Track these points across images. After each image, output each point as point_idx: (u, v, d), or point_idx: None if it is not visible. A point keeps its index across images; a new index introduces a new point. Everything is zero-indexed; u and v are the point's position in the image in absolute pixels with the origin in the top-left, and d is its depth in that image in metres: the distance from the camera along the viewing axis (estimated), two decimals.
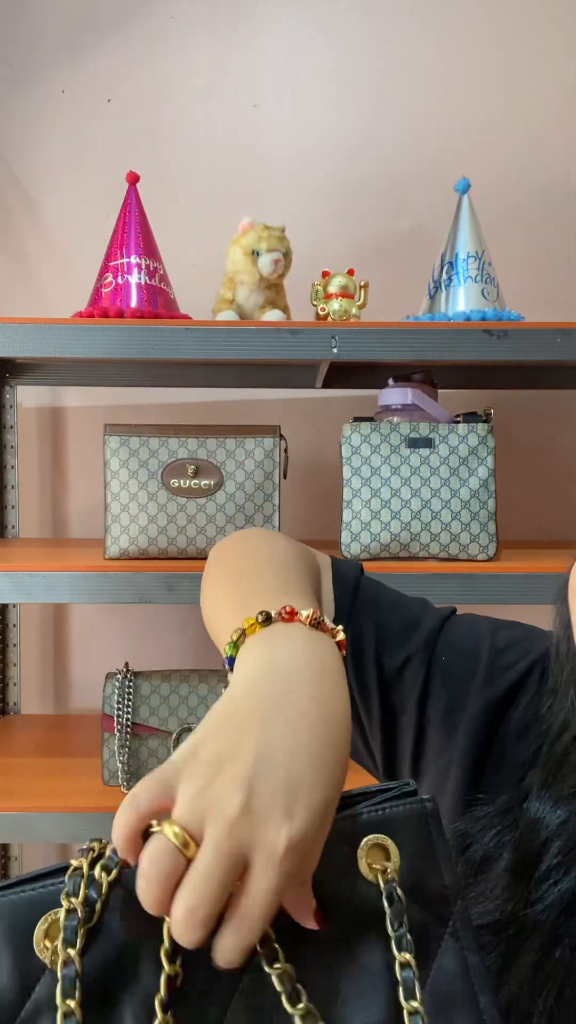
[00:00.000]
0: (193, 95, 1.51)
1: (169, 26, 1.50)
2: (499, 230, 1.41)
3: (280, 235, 1.19)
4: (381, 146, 1.52)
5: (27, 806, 1.12)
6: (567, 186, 1.52)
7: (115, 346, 1.11)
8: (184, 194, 1.51)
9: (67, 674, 1.59)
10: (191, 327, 1.11)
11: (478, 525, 1.14)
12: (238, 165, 1.52)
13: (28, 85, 1.51)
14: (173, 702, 1.18)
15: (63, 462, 1.57)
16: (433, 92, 1.51)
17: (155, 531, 1.15)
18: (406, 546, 1.14)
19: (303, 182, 1.52)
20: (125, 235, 1.22)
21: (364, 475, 1.15)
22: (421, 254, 1.38)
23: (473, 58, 1.50)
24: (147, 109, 1.51)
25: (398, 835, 0.38)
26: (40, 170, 1.53)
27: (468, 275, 1.18)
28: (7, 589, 1.10)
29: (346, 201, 1.52)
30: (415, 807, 0.39)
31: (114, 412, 1.53)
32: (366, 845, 0.38)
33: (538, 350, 1.11)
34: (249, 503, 1.16)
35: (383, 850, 0.38)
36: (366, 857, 0.38)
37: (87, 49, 1.51)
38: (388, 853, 0.38)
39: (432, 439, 1.16)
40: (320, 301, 1.21)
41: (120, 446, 1.16)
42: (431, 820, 0.39)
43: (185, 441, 1.17)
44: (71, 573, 1.11)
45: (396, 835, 0.38)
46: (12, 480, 1.50)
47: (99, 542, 1.26)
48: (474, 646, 0.62)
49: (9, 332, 1.11)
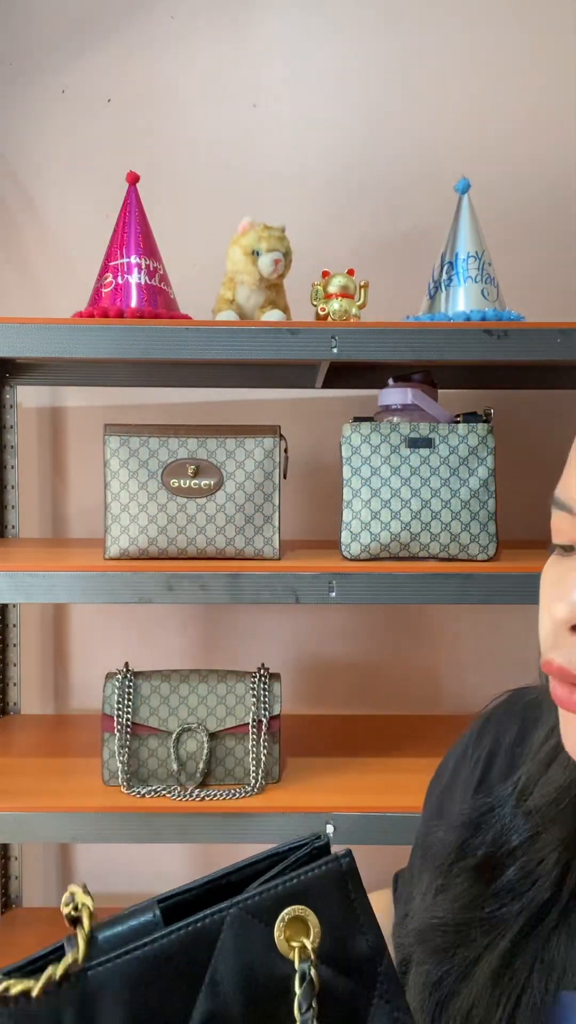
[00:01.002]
0: (193, 95, 1.51)
1: (169, 26, 1.50)
2: (499, 230, 1.41)
3: (280, 235, 1.19)
4: (381, 146, 1.52)
5: (27, 806, 1.12)
6: (567, 186, 1.52)
7: (115, 346, 1.11)
8: (184, 194, 1.51)
9: (67, 674, 1.59)
10: (191, 327, 1.11)
11: (478, 525, 1.14)
12: (238, 165, 1.52)
13: (28, 85, 1.51)
14: (173, 702, 1.18)
15: (63, 462, 1.57)
16: (433, 92, 1.51)
17: (155, 531, 1.15)
18: (406, 546, 1.14)
19: (303, 182, 1.52)
20: (125, 235, 1.22)
21: (364, 475, 1.15)
22: (421, 254, 1.38)
23: (473, 58, 1.50)
24: (147, 109, 1.51)
25: (317, 902, 0.36)
26: (40, 170, 1.53)
27: (468, 275, 1.18)
28: (7, 589, 1.10)
29: (346, 201, 1.52)
30: (332, 868, 0.36)
31: (114, 412, 1.53)
32: (284, 920, 0.35)
33: (538, 350, 1.11)
34: (249, 503, 1.16)
35: (303, 923, 0.35)
36: (284, 933, 0.35)
37: (87, 49, 1.51)
38: (308, 925, 0.35)
39: (432, 439, 1.16)
40: (320, 301, 1.21)
41: (120, 446, 1.16)
42: (349, 879, 0.37)
43: (185, 441, 1.17)
44: (71, 573, 1.11)
45: (315, 902, 0.36)
46: (12, 480, 1.50)
47: (99, 542, 1.26)
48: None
49: (9, 332, 1.11)
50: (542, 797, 0.51)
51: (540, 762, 0.52)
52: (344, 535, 1.15)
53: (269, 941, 0.35)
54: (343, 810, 1.12)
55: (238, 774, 1.18)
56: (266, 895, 0.36)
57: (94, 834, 1.12)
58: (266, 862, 0.38)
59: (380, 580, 1.11)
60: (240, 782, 1.18)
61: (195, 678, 1.20)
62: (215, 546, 1.16)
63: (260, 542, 1.17)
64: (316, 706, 1.56)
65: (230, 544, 1.16)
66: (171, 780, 1.17)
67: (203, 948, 0.34)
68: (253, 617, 1.57)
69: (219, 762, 1.18)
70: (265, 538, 1.17)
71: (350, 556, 1.15)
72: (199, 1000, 0.34)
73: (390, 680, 1.58)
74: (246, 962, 0.35)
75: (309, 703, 1.56)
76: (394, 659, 1.58)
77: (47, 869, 1.60)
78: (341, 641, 1.58)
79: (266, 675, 1.20)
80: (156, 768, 1.18)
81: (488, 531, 1.15)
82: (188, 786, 1.16)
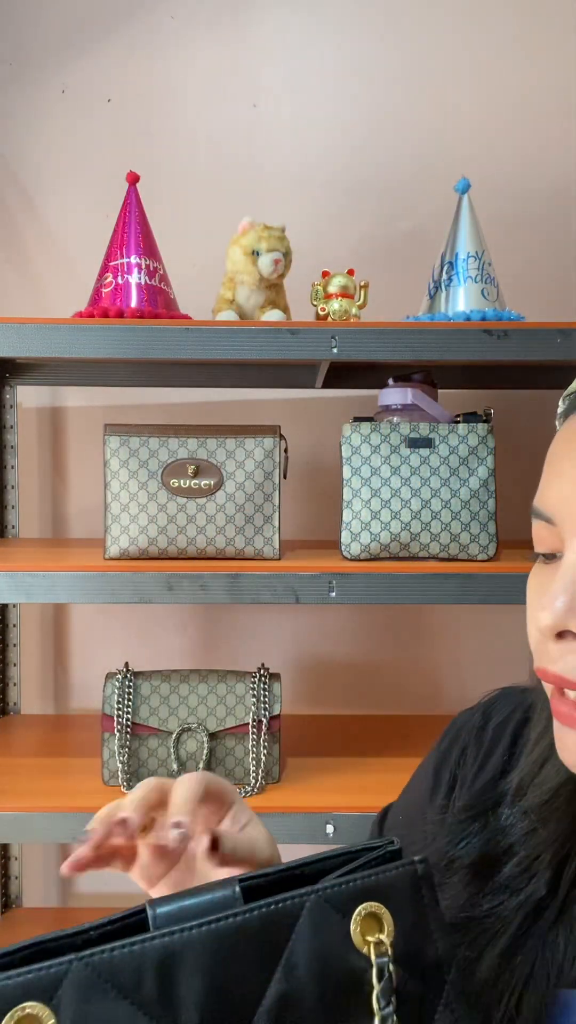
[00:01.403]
0: (193, 95, 1.51)
1: (169, 26, 1.50)
2: (499, 230, 1.41)
3: (280, 235, 1.19)
4: (381, 146, 1.52)
5: (27, 806, 1.12)
6: (567, 186, 1.52)
7: (115, 346, 1.11)
8: (184, 194, 1.51)
9: (67, 674, 1.59)
10: (191, 327, 1.11)
11: (478, 525, 1.14)
12: (238, 165, 1.52)
13: (28, 85, 1.51)
14: (173, 702, 1.18)
15: (63, 462, 1.57)
16: (433, 92, 1.51)
17: (155, 531, 1.15)
18: (406, 546, 1.14)
19: (303, 182, 1.52)
20: (125, 235, 1.22)
21: (364, 475, 1.15)
22: (421, 254, 1.38)
23: (473, 58, 1.50)
24: (147, 109, 1.51)
25: (392, 902, 0.36)
26: (40, 170, 1.53)
27: (468, 275, 1.18)
28: (7, 589, 1.10)
29: (346, 201, 1.52)
30: (407, 871, 0.37)
31: (114, 412, 1.53)
32: (360, 914, 0.36)
33: (538, 350, 1.11)
34: (249, 503, 1.16)
35: (377, 920, 0.36)
36: (360, 927, 0.36)
37: (87, 49, 1.51)
38: (382, 923, 0.36)
39: (432, 439, 1.16)
40: (320, 301, 1.21)
41: (120, 446, 1.16)
42: (424, 885, 0.37)
43: (185, 441, 1.17)
44: (71, 573, 1.11)
45: (390, 902, 0.36)
46: (12, 480, 1.50)
47: (99, 542, 1.26)
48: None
49: (9, 332, 1.11)
50: (537, 797, 0.51)
51: (534, 762, 0.53)
52: (344, 535, 1.15)
53: (345, 932, 0.35)
54: (343, 810, 1.12)
55: (238, 774, 1.18)
56: (344, 887, 0.36)
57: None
58: (339, 859, 0.39)
59: (380, 580, 1.11)
60: (240, 782, 1.18)
61: (195, 678, 1.20)
62: (215, 546, 1.16)
63: (260, 542, 1.17)
64: (316, 706, 1.56)
65: (230, 544, 1.16)
66: None
67: (282, 929, 0.35)
68: (253, 617, 1.57)
69: (219, 762, 1.18)
70: (265, 538, 1.17)
71: (350, 556, 1.15)
72: (274, 980, 0.34)
73: (390, 680, 1.57)
74: (322, 950, 0.35)
75: (309, 703, 1.56)
76: (394, 659, 1.58)
77: (47, 869, 1.60)
78: (341, 641, 1.58)
79: (266, 675, 1.20)
80: (156, 768, 1.18)
81: (488, 531, 1.15)
82: None
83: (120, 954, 0.33)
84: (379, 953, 0.35)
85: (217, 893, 0.37)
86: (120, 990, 0.33)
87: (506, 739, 0.59)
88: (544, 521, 0.47)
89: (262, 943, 0.35)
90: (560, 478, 0.46)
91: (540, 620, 0.44)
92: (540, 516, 0.48)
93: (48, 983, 0.33)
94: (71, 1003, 0.32)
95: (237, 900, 0.36)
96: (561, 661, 0.45)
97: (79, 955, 0.33)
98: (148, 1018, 0.33)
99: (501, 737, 0.59)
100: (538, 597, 0.48)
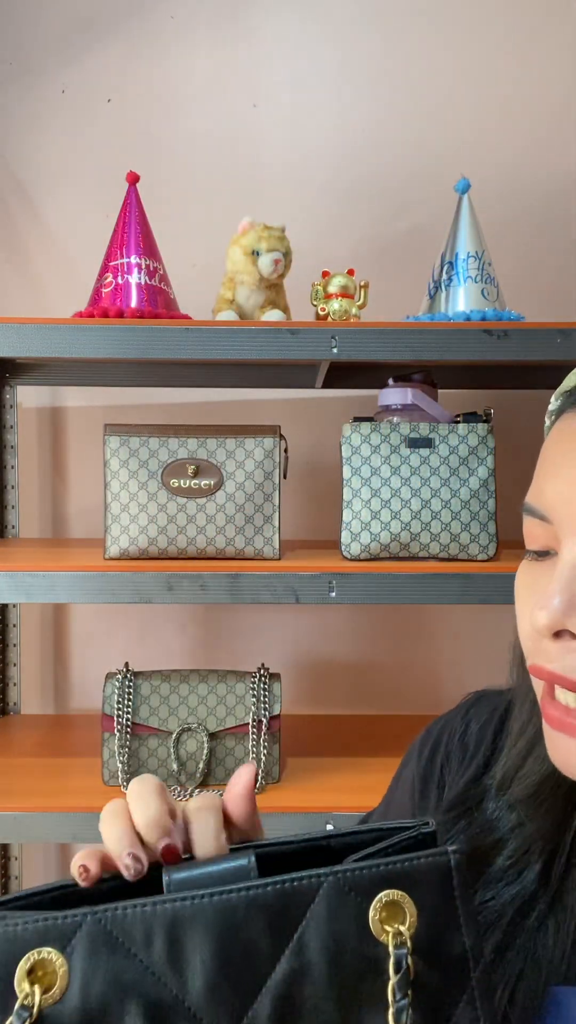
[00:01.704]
0: (193, 95, 1.51)
1: (169, 26, 1.50)
2: (499, 230, 1.41)
3: (280, 235, 1.19)
4: (381, 146, 1.52)
5: (27, 806, 1.12)
6: (567, 186, 1.52)
7: (115, 346, 1.11)
8: (184, 194, 1.51)
9: (67, 674, 1.59)
10: (191, 327, 1.11)
11: (478, 525, 1.14)
12: (238, 165, 1.52)
13: (28, 85, 1.51)
14: (173, 702, 1.18)
15: (63, 462, 1.57)
16: (433, 92, 1.51)
17: (155, 531, 1.15)
18: (406, 546, 1.14)
19: (303, 182, 1.52)
20: (125, 235, 1.22)
21: (364, 475, 1.15)
22: (421, 254, 1.38)
23: (473, 58, 1.50)
24: (147, 109, 1.51)
25: (417, 890, 0.35)
26: (40, 170, 1.53)
27: (468, 275, 1.18)
28: (7, 589, 1.10)
29: (346, 201, 1.52)
30: (439, 860, 0.36)
31: (114, 412, 1.53)
32: (381, 901, 0.35)
33: (538, 350, 1.11)
34: (249, 503, 1.16)
35: (399, 908, 0.35)
36: (380, 914, 0.35)
37: (87, 49, 1.51)
38: (404, 912, 0.35)
39: (432, 439, 1.16)
40: (320, 301, 1.21)
41: (120, 446, 1.16)
42: (456, 874, 0.36)
43: (185, 441, 1.17)
44: (71, 573, 1.11)
45: (415, 890, 0.35)
46: (12, 480, 1.50)
47: (99, 542, 1.26)
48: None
49: (9, 332, 1.11)
50: (522, 790, 0.52)
51: (517, 754, 0.53)
52: (344, 535, 1.15)
53: (363, 918, 0.35)
54: (343, 810, 1.12)
55: None
56: (367, 871, 0.35)
57: (94, 834, 1.12)
58: (371, 835, 0.38)
59: (380, 580, 1.11)
60: None
61: (195, 678, 1.20)
62: (215, 546, 1.16)
63: (260, 542, 1.17)
64: (316, 706, 1.56)
65: (230, 544, 1.16)
66: (171, 780, 1.17)
67: (297, 907, 0.35)
68: (253, 617, 1.57)
69: (219, 762, 1.18)
70: (265, 538, 1.17)
71: (350, 556, 1.15)
72: (284, 956, 0.34)
73: (390, 680, 1.57)
74: (337, 933, 0.35)
75: (309, 703, 1.56)
76: (394, 659, 1.58)
77: (47, 869, 1.60)
78: (341, 641, 1.58)
79: (266, 675, 1.20)
80: (156, 768, 1.18)
81: (488, 531, 1.15)
82: (188, 786, 1.16)
83: (132, 913, 0.34)
84: (398, 944, 0.34)
85: (231, 863, 0.37)
86: (130, 947, 0.34)
87: (488, 740, 0.59)
88: (538, 519, 0.47)
89: (274, 919, 0.35)
90: (557, 477, 0.46)
91: (537, 619, 0.44)
92: (534, 514, 0.48)
93: (64, 932, 0.34)
94: (83, 953, 0.34)
95: (252, 871, 0.36)
96: (559, 660, 0.45)
97: (93, 909, 0.34)
98: (155, 977, 0.34)
99: (483, 740, 0.59)
100: (530, 595, 0.48)
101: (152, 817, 0.39)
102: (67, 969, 0.34)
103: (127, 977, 0.34)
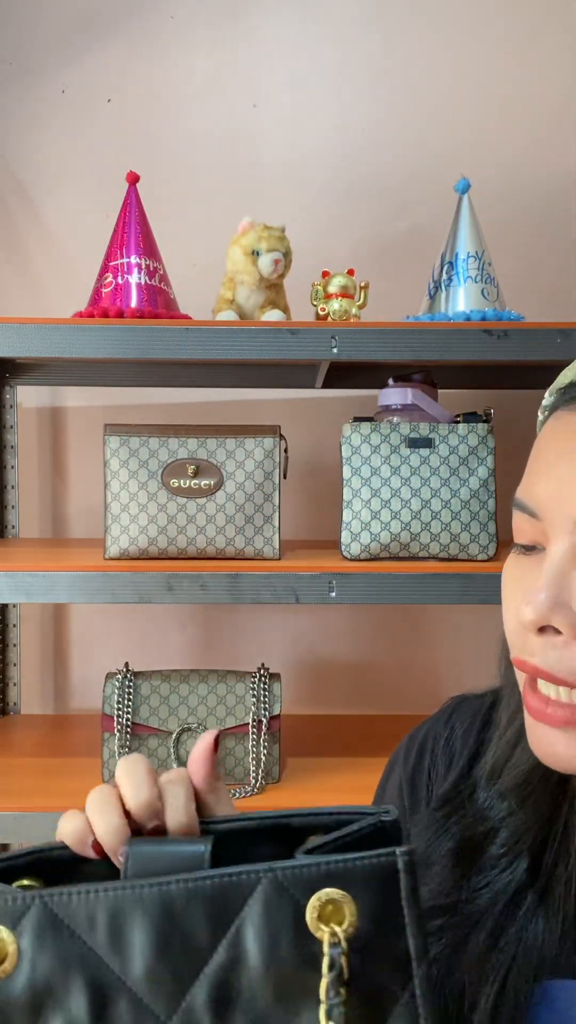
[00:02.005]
0: (193, 95, 1.51)
1: (169, 26, 1.50)
2: (499, 230, 1.41)
3: (280, 235, 1.19)
4: (381, 146, 1.52)
5: (27, 806, 1.13)
6: (567, 186, 1.52)
7: (115, 346, 1.11)
8: (184, 194, 1.51)
9: (67, 674, 1.59)
10: (191, 327, 1.11)
11: (478, 525, 1.14)
12: (238, 165, 1.52)
13: (28, 85, 1.51)
14: (173, 702, 1.18)
15: (63, 462, 1.57)
16: (433, 92, 1.51)
17: (155, 531, 1.15)
18: (406, 546, 1.14)
19: (303, 182, 1.52)
20: (125, 235, 1.22)
21: (364, 475, 1.15)
22: (421, 254, 1.38)
23: (473, 58, 1.50)
24: (147, 109, 1.51)
25: (360, 890, 0.35)
26: (40, 170, 1.53)
27: (468, 275, 1.18)
28: (7, 589, 1.10)
29: (346, 201, 1.52)
30: (386, 860, 0.36)
31: (114, 412, 1.53)
32: (320, 899, 0.35)
33: (538, 350, 1.11)
34: (249, 503, 1.16)
35: (338, 907, 0.35)
36: (317, 911, 0.35)
37: (87, 49, 1.51)
38: (343, 911, 0.35)
39: (432, 439, 1.16)
40: (320, 301, 1.21)
41: (120, 446, 1.16)
42: (403, 876, 0.36)
43: (185, 441, 1.17)
44: (71, 573, 1.11)
45: (357, 889, 0.35)
46: (12, 480, 1.50)
47: (99, 542, 1.26)
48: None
49: (9, 332, 1.11)
50: (512, 779, 0.52)
51: (506, 743, 0.54)
52: (344, 535, 1.15)
53: (299, 916, 0.35)
54: None
55: (238, 774, 1.18)
56: (306, 869, 0.36)
57: None
58: (332, 818, 0.39)
59: (380, 580, 1.11)
60: (240, 782, 1.18)
61: (195, 678, 1.20)
62: (215, 546, 1.16)
63: (260, 542, 1.17)
64: (316, 706, 1.56)
65: (230, 544, 1.16)
66: None
67: (234, 900, 0.36)
68: (253, 617, 1.57)
69: (219, 762, 1.18)
70: (265, 538, 1.17)
71: (350, 556, 1.15)
72: (221, 946, 0.36)
73: (390, 680, 1.57)
74: (272, 928, 0.35)
75: (309, 703, 1.56)
76: (394, 659, 1.58)
77: None
78: (341, 641, 1.58)
79: (266, 675, 1.20)
80: (156, 768, 1.17)
81: (488, 531, 1.15)
82: None
83: (77, 899, 0.36)
84: (332, 943, 0.35)
85: (188, 847, 0.39)
86: (75, 929, 0.36)
87: (471, 744, 0.59)
88: (528, 514, 0.48)
89: (213, 910, 0.36)
90: (549, 475, 0.47)
91: (523, 614, 0.45)
92: (524, 509, 0.48)
93: (14, 913, 0.36)
94: (32, 932, 0.36)
95: (205, 861, 0.38)
96: (542, 655, 0.46)
97: (41, 893, 0.36)
98: (98, 958, 0.36)
99: (467, 744, 0.60)
100: (517, 589, 0.49)
101: (144, 800, 0.41)
102: (16, 947, 0.36)
103: (72, 957, 0.36)
